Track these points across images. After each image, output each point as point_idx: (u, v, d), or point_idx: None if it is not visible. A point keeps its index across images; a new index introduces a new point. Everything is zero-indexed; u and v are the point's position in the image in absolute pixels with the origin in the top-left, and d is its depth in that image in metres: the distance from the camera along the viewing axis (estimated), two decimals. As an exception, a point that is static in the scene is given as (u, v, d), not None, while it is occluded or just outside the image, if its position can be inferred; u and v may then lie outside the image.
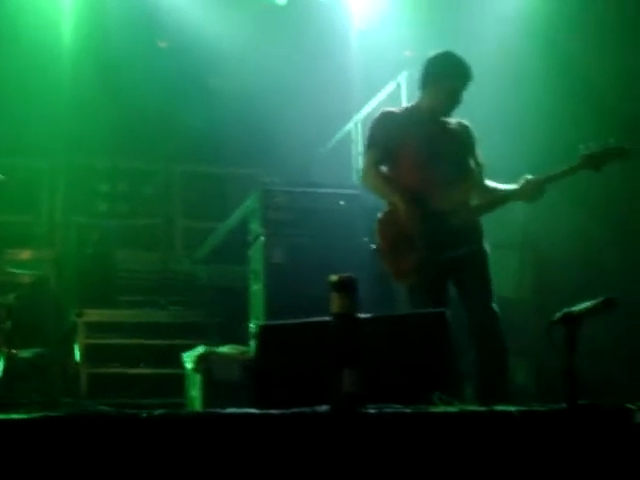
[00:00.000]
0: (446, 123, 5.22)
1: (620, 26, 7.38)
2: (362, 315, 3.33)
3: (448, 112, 5.21)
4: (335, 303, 3.18)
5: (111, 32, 8.90)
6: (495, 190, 5.19)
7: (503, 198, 5.14)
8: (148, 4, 8.72)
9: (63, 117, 8.93)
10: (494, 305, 4.99)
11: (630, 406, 3.10)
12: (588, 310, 3.08)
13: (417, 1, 8.10)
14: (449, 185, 5.04)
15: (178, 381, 6.81)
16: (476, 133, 5.33)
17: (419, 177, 5.05)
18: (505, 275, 7.68)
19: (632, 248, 7.40)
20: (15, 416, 2.85)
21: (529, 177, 5.00)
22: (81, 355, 7.52)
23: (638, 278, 7.16)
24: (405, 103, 6.71)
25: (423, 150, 5.07)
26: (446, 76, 5.11)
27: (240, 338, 6.67)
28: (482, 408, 3.13)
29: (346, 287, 3.18)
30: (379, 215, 5.16)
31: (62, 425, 2.79)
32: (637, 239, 7.37)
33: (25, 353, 6.98)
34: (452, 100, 5.16)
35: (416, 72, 5.41)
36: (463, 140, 5.23)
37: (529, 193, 5.01)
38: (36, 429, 2.77)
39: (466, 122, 5.31)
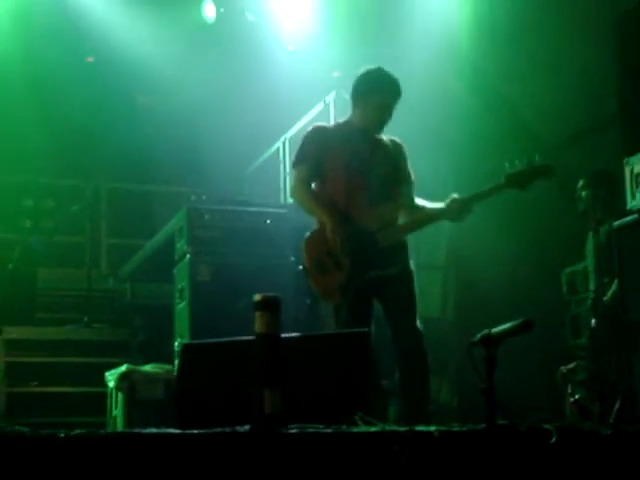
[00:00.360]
0: (377, 140, 5.22)
1: (543, 50, 7.55)
2: (285, 335, 3.33)
3: (379, 128, 5.21)
4: (258, 322, 3.17)
5: (38, 46, 8.79)
6: (423, 209, 5.21)
7: (430, 217, 5.18)
8: (77, 19, 8.65)
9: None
10: (418, 325, 5.02)
11: (548, 427, 3.15)
12: (507, 331, 3.12)
13: (345, 23, 8.18)
14: (377, 203, 5.05)
15: (101, 400, 6.71)
16: (407, 150, 5.36)
17: (347, 194, 5.05)
18: (429, 295, 7.79)
19: (546, 267, 7.57)
20: None
21: (455, 196, 5.05)
22: (1, 373, 7.36)
23: (552, 297, 7.33)
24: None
25: (352, 167, 5.07)
26: (376, 91, 5.13)
27: (165, 357, 6.62)
28: (403, 428, 3.14)
29: (269, 306, 3.18)
30: (307, 234, 5.16)
31: (-25, 446, 2.72)
32: (551, 259, 7.54)
33: (-57, 371, 6.82)
34: (382, 115, 5.16)
35: (345, 92, 5.44)
36: (394, 157, 5.23)
37: (455, 212, 5.04)
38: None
39: (398, 139, 5.33)
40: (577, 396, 5.72)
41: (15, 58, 8.67)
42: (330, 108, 7.44)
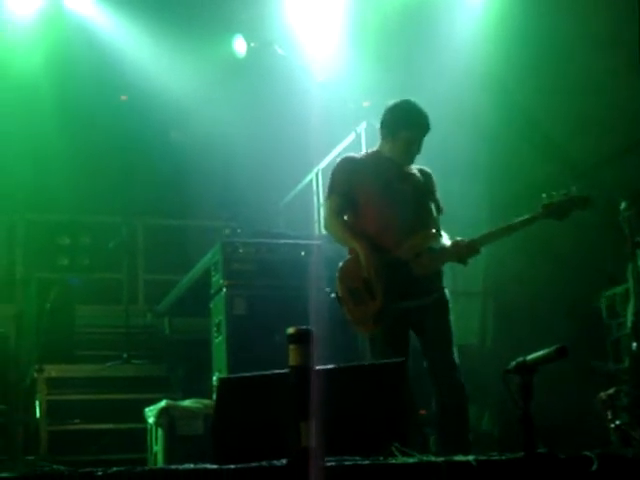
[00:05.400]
0: (407, 170, 5.23)
1: (575, 71, 7.52)
2: (321, 366, 3.32)
3: (408, 161, 5.23)
4: (292, 355, 3.17)
5: (73, 86, 8.93)
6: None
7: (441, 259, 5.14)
8: (110, 58, 8.77)
9: (23, 171, 8.92)
10: (454, 355, 4.98)
11: (588, 454, 3.11)
12: (542, 359, 3.10)
13: (374, 52, 8.21)
14: (409, 232, 5.04)
15: (141, 436, 6.72)
16: (436, 180, 5.36)
17: (380, 224, 5.06)
18: (468, 322, 7.73)
19: (584, 291, 7.50)
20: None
21: (458, 239, 5.05)
22: (41, 411, 7.40)
23: (591, 321, 7.25)
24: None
25: (383, 197, 5.08)
26: (404, 126, 5.14)
27: (203, 391, 6.62)
28: (440, 458, 3.12)
29: (302, 339, 3.18)
30: (340, 264, 5.16)
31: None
32: (589, 282, 7.46)
33: (-15, 410, 6.88)
34: (411, 149, 5.18)
35: (375, 122, 5.45)
36: (424, 187, 5.23)
37: (459, 255, 5.03)
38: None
39: (427, 169, 5.33)
40: (618, 422, 5.63)
41: (50, 97, 8.81)
42: (361, 138, 7.44)
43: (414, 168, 5.27)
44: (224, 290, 6.42)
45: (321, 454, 3.09)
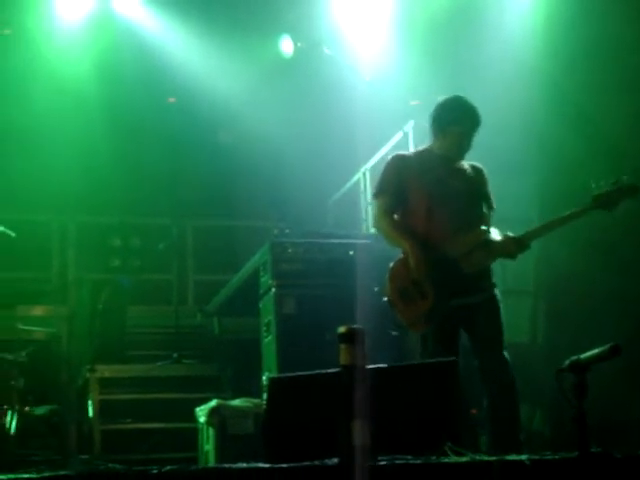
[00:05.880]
0: (458, 166, 5.19)
1: (625, 66, 7.43)
2: (372, 366, 3.32)
3: (459, 156, 5.19)
4: (343, 354, 3.17)
5: (121, 89, 9.02)
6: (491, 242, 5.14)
7: (492, 255, 5.09)
8: (158, 60, 8.85)
9: (74, 174, 9.03)
10: (505, 353, 4.95)
11: (643, 453, 3.07)
12: (595, 357, 3.06)
13: (422, 51, 8.18)
14: (460, 230, 5.01)
15: (192, 435, 6.77)
16: (488, 176, 5.31)
17: (429, 222, 5.03)
18: (518, 320, 7.67)
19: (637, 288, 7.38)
20: (25, 476, 2.84)
21: (509, 234, 5.00)
22: (94, 411, 7.49)
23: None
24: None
25: (434, 194, 5.05)
26: (455, 121, 5.11)
27: (253, 391, 6.64)
28: (493, 457, 3.10)
29: (353, 338, 3.18)
30: (391, 264, 5.14)
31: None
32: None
33: (39, 410, 6.96)
34: (462, 144, 5.15)
35: (423, 121, 5.43)
36: (475, 183, 5.20)
37: (509, 251, 4.99)
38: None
39: (478, 165, 5.29)
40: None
41: (100, 101, 8.92)
42: (409, 137, 7.42)
43: (465, 164, 5.24)
44: (273, 290, 6.43)
45: (372, 453, 3.08)
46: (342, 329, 3.20)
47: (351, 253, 6.58)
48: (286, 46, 8.73)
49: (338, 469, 2.98)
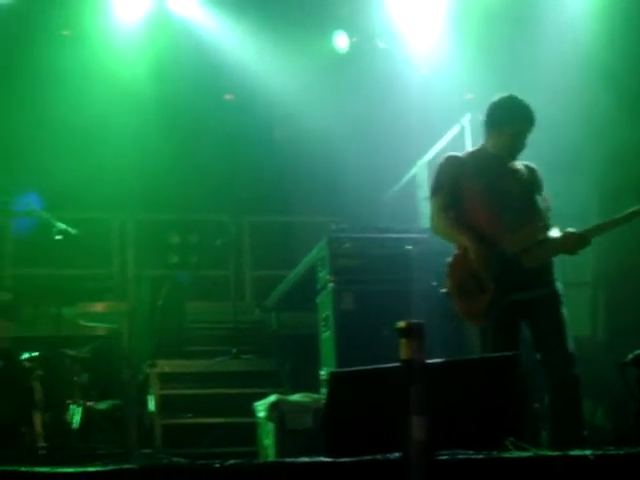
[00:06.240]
0: (512, 166, 5.20)
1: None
2: (432, 360, 3.31)
3: (513, 156, 5.19)
4: (402, 349, 3.17)
5: (178, 87, 9.10)
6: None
7: (550, 252, 5.06)
8: (213, 59, 8.90)
9: (133, 173, 9.14)
10: (569, 348, 4.90)
11: None
12: (660, 350, 3.02)
13: (477, 44, 8.12)
14: (518, 226, 5.00)
15: (251, 430, 6.81)
16: (542, 175, 5.30)
17: (487, 220, 5.03)
18: (579, 313, 7.58)
19: None
20: (91, 469, 2.89)
21: (570, 230, 4.96)
22: (156, 406, 7.58)
23: None
24: (469, 145, 6.72)
25: (490, 193, 5.05)
26: (510, 121, 5.10)
27: (310, 385, 6.67)
28: (556, 452, 3.08)
29: (413, 333, 3.17)
30: (449, 258, 5.14)
31: (135, 477, 2.82)
32: None
33: (101, 405, 7.06)
34: (516, 144, 5.14)
35: (479, 114, 5.42)
36: (529, 182, 5.19)
37: (570, 247, 4.96)
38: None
39: (532, 164, 5.28)
40: None
41: (157, 99, 9.00)
42: (466, 130, 7.39)
43: (519, 164, 5.23)
44: (331, 285, 6.46)
45: (433, 448, 3.08)
46: (401, 324, 3.20)
47: (409, 247, 6.58)
48: (341, 41, 8.74)
49: (400, 463, 2.98)
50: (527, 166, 5.26)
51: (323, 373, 6.40)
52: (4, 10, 8.23)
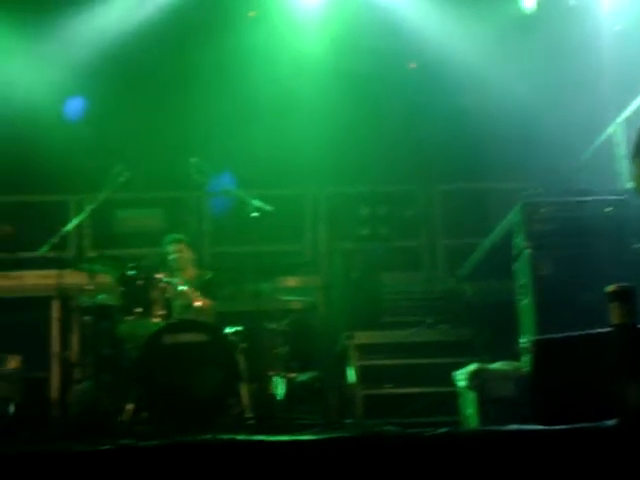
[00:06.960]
0: None
1: None
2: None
3: None
4: (614, 313, 3.07)
5: (361, 60, 9.12)
6: None
7: None
8: (395, 27, 8.86)
9: (322, 148, 9.23)
10: None
11: None
12: None
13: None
14: None
15: (448, 399, 6.79)
16: None
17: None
18: None
19: None
20: (304, 437, 2.95)
21: None
22: (356, 377, 7.68)
23: None
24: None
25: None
26: None
27: (511, 354, 6.57)
28: None
29: (625, 297, 3.07)
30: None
31: (349, 445, 2.85)
32: None
33: (302, 377, 7.21)
34: None
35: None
36: None
37: None
38: (325, 449, 2.85)
39: None
40: None
41: (341, 74, 9.06)
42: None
43: None
44: (528, 251, 6.32)
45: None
46: (612, 288, 3.11)
47: (608, 210, 6.35)
48: (528, 1, 8.51)
49: (617, 430, 2.89)
50: None
51: (524, 341, 6.29)
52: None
